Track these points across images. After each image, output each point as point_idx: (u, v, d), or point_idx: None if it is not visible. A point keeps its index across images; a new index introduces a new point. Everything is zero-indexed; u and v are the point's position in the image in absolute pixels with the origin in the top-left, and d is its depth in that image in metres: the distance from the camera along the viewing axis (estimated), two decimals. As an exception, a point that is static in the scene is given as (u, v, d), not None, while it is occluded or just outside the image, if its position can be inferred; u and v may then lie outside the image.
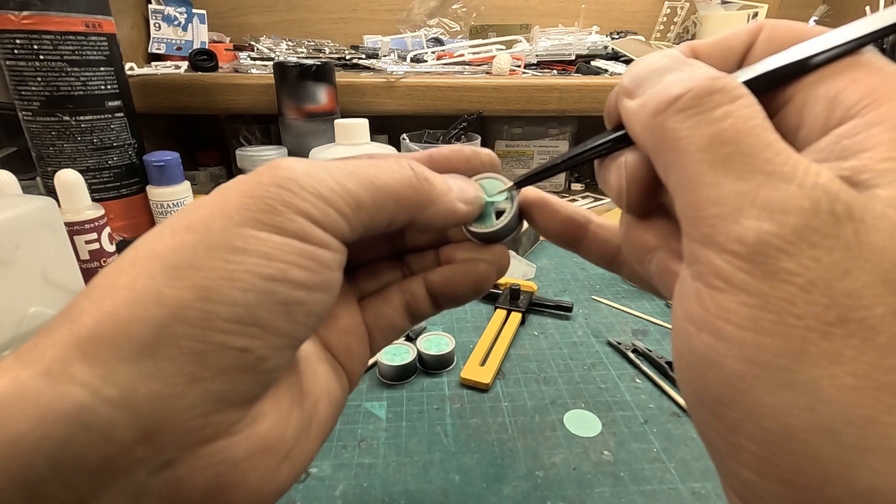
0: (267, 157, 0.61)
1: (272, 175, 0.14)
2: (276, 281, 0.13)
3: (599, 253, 0.21)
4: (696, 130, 0.12)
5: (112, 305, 0.12)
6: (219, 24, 0.98)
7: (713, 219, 0.11)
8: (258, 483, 0.15)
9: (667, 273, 0.15)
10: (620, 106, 0.15)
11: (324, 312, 0.16)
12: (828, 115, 0.12)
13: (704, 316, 0.11)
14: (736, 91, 0.12)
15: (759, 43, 0.15)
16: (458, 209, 0.19)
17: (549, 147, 0.87)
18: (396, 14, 0.97)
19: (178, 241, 0.13)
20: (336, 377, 0.19)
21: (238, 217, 0.13)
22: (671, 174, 0.13)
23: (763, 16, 0.87)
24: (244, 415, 0.14)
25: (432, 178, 0.18)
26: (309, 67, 0.64)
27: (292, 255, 0.14)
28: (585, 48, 0.87)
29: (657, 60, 0.14)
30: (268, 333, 0.13)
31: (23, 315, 0.39)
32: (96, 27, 0.52)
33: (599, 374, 0.41)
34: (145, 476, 0.13)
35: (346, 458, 0.32)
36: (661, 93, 0.13)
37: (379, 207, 0.16)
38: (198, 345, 0.12)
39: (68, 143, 0.53)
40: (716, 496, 0.30)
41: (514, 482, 0.31)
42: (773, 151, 0.11)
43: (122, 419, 0.12)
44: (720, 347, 0.11)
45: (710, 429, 0.12)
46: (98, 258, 0.49)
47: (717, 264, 0.11)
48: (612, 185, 0.16)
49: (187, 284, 0.12)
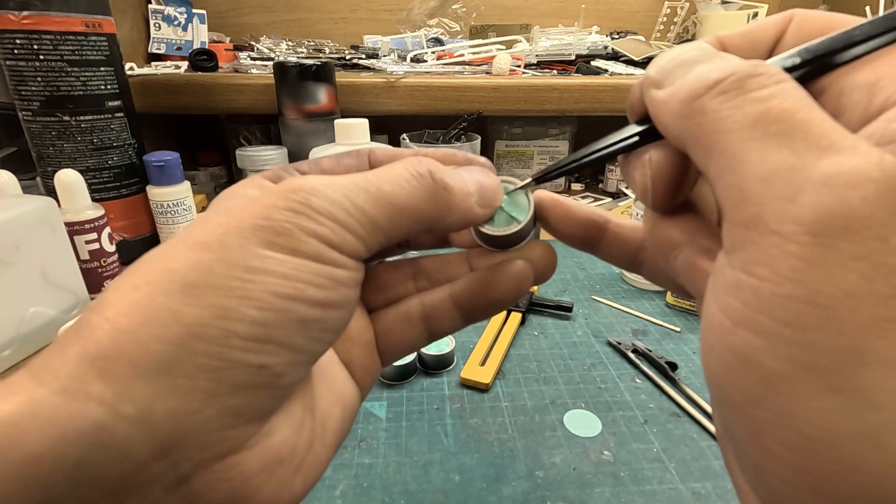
0: (267, 157, 0.61)
1: (286, 197, 0.14)
2: (293, 300, 0.13)
3: (620, 253, 0.20)
4: (741, 110, 0.11)
5: (129, 323, 0.12)
6: (219, 24, 0.98)
7: (762, 198, 0.10)
8: (272, 495, 0.15)
9: (693, 269, 0.15)
10: (647, 97, 0.14)
11: (341, 328, 0.16)
12: (868, 101, 0.12)
13: (743, 310, 0.11)
14: (779, 75, 0.12)
15: (789, 33, 0.14)
16: (477, 214, 0.18)
17: (549, 147, 0.87)
18: (396, 14, 0.97)
19: (195, 260, 0.13)
20: (349, 382, 0.19)
21: (254, 238, 0.13)
22: (711, 158, 0.12)
23: (763, 16, 0.87)
24: (259, 429, 0.14)
25: (452, 185, 0.17)
26: (309, 67, 0.64)
27: (309, 275, 0.14)
28: (585, 48, 0.87)
29: (686, 52, 0.14)
30: (285, 350, 0.13)
31: (23, 315, 0.39)
32: (96, 27, 0.52)
33: (599, 374, 0.41)
34: (161, 492, 0.13)
35: (346, 458, 0.32)
36: (698, 78, 0.12)
37: (396, 226, 0.16)
38: (216, 362, 0.12)
39: (68, 143, 0.53)
40: (716, 496, 0.30)
41: (514, 482, 0.31)
42: (830, 127, 0.10)
43: (140, 436, 0.12)
44: (759, 345, 0.10)
45: (738, 431, 0.11)
46: (98, 258, 0.49)
47: (764, 249, 0.10)
48: (637, 182, 0.16)
49: (205, 303, 0.12)
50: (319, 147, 0.57)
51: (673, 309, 0.51)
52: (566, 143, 0.87)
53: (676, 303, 0.51)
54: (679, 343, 0.45)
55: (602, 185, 0.91)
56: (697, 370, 0.41)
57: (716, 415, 0.14)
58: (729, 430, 0.12)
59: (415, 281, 0.21)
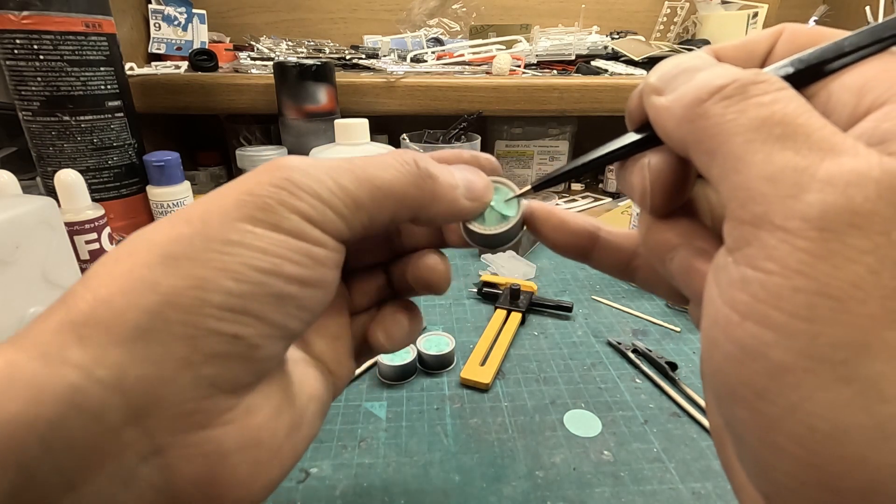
0: (267, 157, 0.61)
1: (271, 174, 0.14)
2: (271, 274, 0.14)
3: (612, 261, 0.20)
4: (745, 114, 0.12)
5: (108, 292, 0.13)
6: (219, 24, 0.97)
7: (768, 196, 0.11)
8: (248, 477, 0.15)
9: (689, 271, 0.15)
10: (648, 104, 0.15)
11: (318, 308, 0.16)
12: (856, 104, 0.12)
13: (751, 303, 0.11)
14: (779, 83, 0.12)
15: (780, 44, 0.15)
16: (463, 206, 0.18)
17: (549, 147, 0.87)
18: (396, 14, 0.97)
19: (176, 233, 0.14)
20: (324, 381, 0.19)
21: (235, 213, 0.14)
22: (716, 160, 0.12)
23: (763, 16, 0.87)
24: (236, 403, 0.14)
25: (437, 174, 0.17)
26: (309, 67, 0.64)
27: (287, 251, 0.14)
28: (585, 48, 0.87)
29: (686, 60, 0.14)
30: (260, 323, 0.14)
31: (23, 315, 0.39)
32: (96, 27, 0.52)
33: (599, 374, 0.41)
34: (136, 461, 0.13)
35: (346, 458, 0.32)
36: (702, 84, 0.13)
37: (379, 207, 0.16)
38: (190, 330, 0.13)
39: (68, 143, 0.53)
40: (716, 496, 0.30)
41: (514, 482, 0.31)
42: (830, 131, 0.11)
43: (114, 401, 0.12)
44: (768, 337, 0.10)
45: (742, 426, 0.11)
46: (98, 258, 0.49)
47: (771, 245, 0.10)
48: (636, 187, 0.16)
49: (182, 273, 0.13)
50: (319, 147, 0.57)
51: (673, 309, 0.51)
52: (566, 143, 0.87)
53: (676, 303, 0.51)
54: (679, 343, 0.45)
55: (602, 185, 0.91)
56: (697, 370, 0.41)
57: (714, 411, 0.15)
58: (732, 425, 0.12)
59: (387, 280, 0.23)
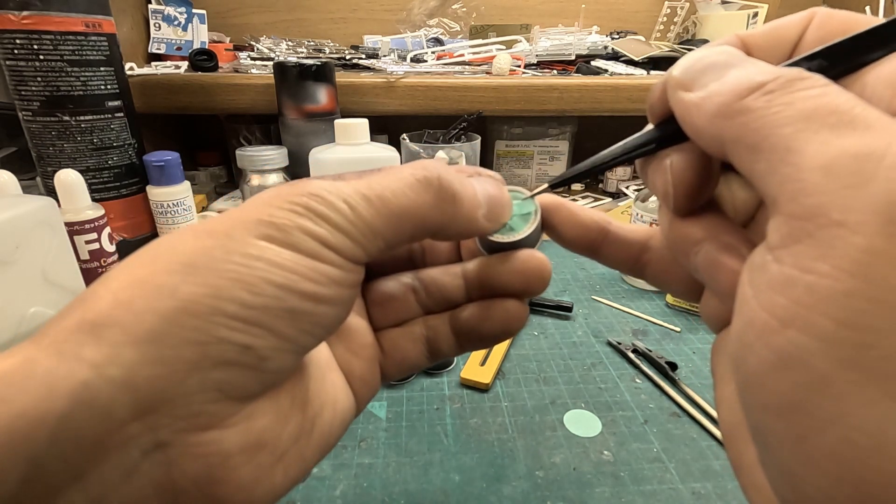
0: (267, 157, 0.61)
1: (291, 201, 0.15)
2: (286, 289, 0.14)
3: (622, 257, 0.20)
4: (792, 105, 0.11)
5: (128, 295, 0.13)
6: (219, 24, 0.97)
7: (823, 187, 0.10)
8: (250, 481, 0.15)
9: (716, 265, 0.15)
10: (674, 100, 0.14)
11: (333, 325, 0.16)
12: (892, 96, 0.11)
13: (794, 308, 0.10)
14: (824, 79, 0.11)
15: (810, 31, 0.14)
16: (482, 227, 0.18)
17: (548, 147, 0.87)
18: (396, 14, 0.97)
19: (200, 245, 0.14)
20: (346, 389, 0.19)
21: (256, 231, 0.14)
22: (761, 154, 0.11)
23: (763, 16, 0.87)
24: (240, 409, 0.15)
25: (461, 196, 0.17)
26: (309, 67, 0.64)
27: (303, 269, 0.14)
28: (585, 48, 0.87)
29: (714, 55, 0.13)
30: (271, 335, 0.14)
31: (23, 315, 0.39)
32: (96, 27, 0.52)
33: (599, 374, 0.41)
34: (138, 454, 0.13)
35: (346, 458, 0.32)
36: (740, 81, 0.12)
37: (397, 233, 0.16)
38: (202, 336, 0.13)
39: (68, 143, 0.53)
40: (716, 496, 0.30)
41: (514, 482, 0.31)
42: (889, 120, 0.10)
43: (122, 398, 0.12)
44: (811, 346, 0.10)
45: (773, 434, 0.11)
46: (98, 258, 0.49)
47: (824, 242, 0.10)
48: (659, 187, 0.16)
49: (199, 281, 0.13)
50: (319, 147, 0.57)
51: (673, 309, 0.51)
52: (566, 143, 0.87)
53: (676, 303, 0.51)
54: (679, 343, 0.45)
55: (602, 185, 0.91)
56: (697, 370, 0.41)
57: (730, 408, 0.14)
58: (761, 432, 0.11)
59: (415, 294, 0.21)
